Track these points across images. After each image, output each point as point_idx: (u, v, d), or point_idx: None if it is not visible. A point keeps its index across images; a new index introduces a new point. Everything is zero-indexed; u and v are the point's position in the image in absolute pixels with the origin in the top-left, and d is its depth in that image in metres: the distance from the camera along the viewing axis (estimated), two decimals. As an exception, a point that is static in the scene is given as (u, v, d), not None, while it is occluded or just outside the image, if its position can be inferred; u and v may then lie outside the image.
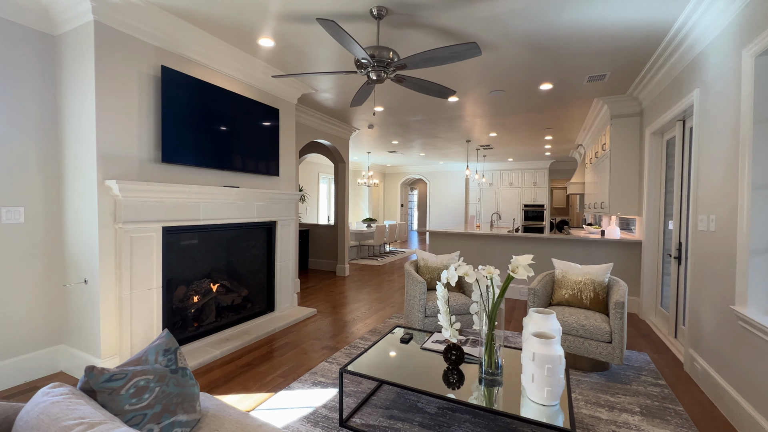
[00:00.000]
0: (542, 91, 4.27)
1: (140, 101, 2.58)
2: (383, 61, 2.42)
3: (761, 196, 1.99)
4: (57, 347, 2.61)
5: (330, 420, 2.07)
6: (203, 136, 2.97)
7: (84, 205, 2.44)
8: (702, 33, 2.58)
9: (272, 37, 2.95)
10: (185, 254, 3.09)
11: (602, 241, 4.53)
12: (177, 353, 1.34)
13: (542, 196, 11.36)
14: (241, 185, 3.47)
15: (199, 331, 3.12)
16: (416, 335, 2.57)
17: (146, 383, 1.14)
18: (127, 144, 2.51)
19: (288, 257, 4.06)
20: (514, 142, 7.74)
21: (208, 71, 3.10)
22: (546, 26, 2.73)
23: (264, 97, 3.73)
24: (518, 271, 1.75)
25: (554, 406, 1.67)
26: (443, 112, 5.35)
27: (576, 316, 2.77)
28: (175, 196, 2.73)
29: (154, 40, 2.65)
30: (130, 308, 2.52)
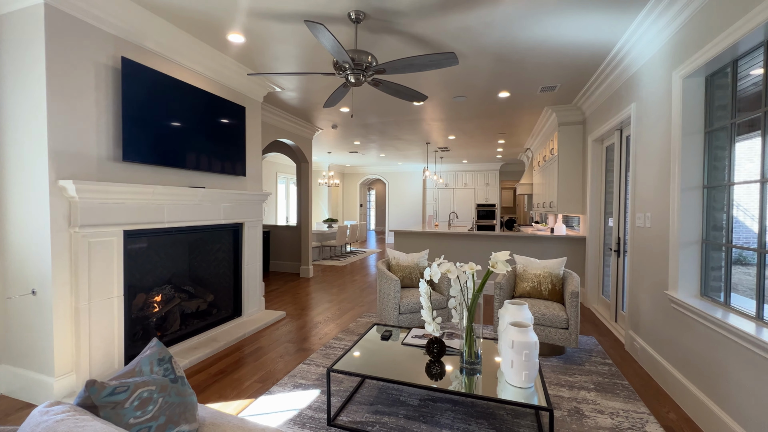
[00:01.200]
0: (500, 98, 4.57)
1: (98, 95, 2.38)
2: (362, 65, 2.47)
3: (688, 196, 2.34)
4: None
5: (317, 420, 2.08)
6: (168, 134, 2.80)
7: (32, 207, 2.19)
8: (639, 54, 2.96)
9: (243, 33, 2.87)
10: (146, 259, 2.89)
11: (552, 237, 4.96)
12: (172, 362, 1.29)
13: (494, 196, 12.05)
14: (208, 185, 3.31)
15: (162, 341, 2.93)
16: (394, 332, 2.65)
17: (149, 395, 1.10)
18: (83, 141, 2.30)
19: (255, 260, 3.94)
20: (470, 145, 8.15)
21: (173, 65, 2.93)
22: (511, 39, 2.95)
23: (230, 95, 3.59)
24: (498, 266, 1.90)
25: (530, 388, 1.85)
26: (407, 115, 5.49)
27: (537, 306, 3.03)
28: (138, 197, 2.55)
29: (113, 29, 2.45)
30: (89, 320, 2.31)
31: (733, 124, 2.07)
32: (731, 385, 1.85)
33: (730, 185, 2.10)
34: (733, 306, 2.04)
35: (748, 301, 1.98)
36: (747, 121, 1.98)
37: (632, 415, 2.17)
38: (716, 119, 2.22)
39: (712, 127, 2.24)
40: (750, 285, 1.97)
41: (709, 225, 2.30)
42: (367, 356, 2.24)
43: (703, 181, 2.32)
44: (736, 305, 2.02)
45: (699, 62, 2.14)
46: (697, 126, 2.32)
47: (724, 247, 2.16)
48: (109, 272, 2.43)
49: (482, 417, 2.12)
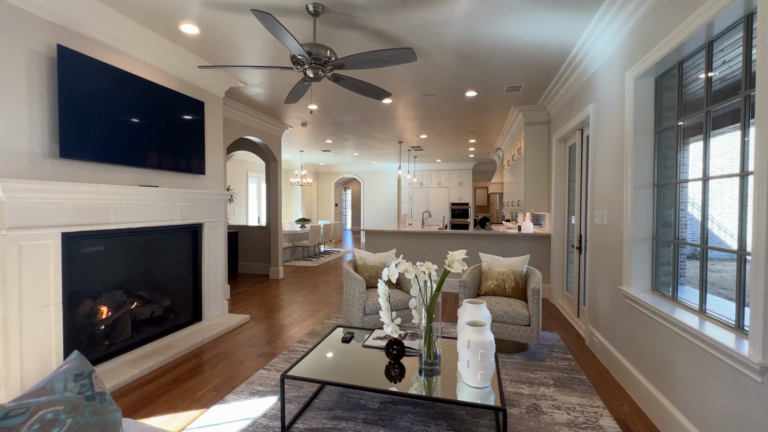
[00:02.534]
0: (468, 97, 4.60)
1: (30, 85, 2.19)
2: (320, 59, 2.39)
3: (640, 194, 2.41)
4: None
5: (271, 429, 2.00)
6: (114, 129, 2.62)
7: (-50, 208, 1.99)
8: (596, 55, 3.03)
9: (196, 24, 2.73)
10: (92, 263, 2.70)
11: (519, 235, 5.05)
12: (92, 377, 1.18)
13: (467, 195, 12.22)
14: (162, 184, 3.14)
15: (111, 350, 2.75)
16: (357, 334, 2.59)
17: (55, 416, 0.98)
18: (12, 135, 2.11)
19: (217, 262, 3.78)
20: (443, 144, 8.20)
21: (120, 56, 2.75)
22: (473, 38, 2.95)
23: (188, 89, 3.42)
24: (454, 265, 1.88)
25: (486, 387, 1.84)
26: (377, 113, 5.45)
27: (501, 304, 3.05)
28: (79, 196, 2.37)
29: (48, 15, 2.26)
30: (19, 331, 2.12)
31: (680, 125, 2.14)
32: (676, 376, 1.91)
33: (677, 183, 2.17)
34: (680, 300, 2.11)
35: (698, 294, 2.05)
36: (697, 123, 2.05)
37: (587, 409, 2.21)
38: (665, 119, 2.30)
39: (661, 126, 2.32)
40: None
41: (659, 222, 2.38)
42: (326, 360, 2.18)
43: (653, 179, 2.39)
44: (684, 299, 2.09)
45: (648, 63, 2.20)
46: (647, 126, 2.39)
47: (672, 243, 2.23)
48: (45, 278, 2.24)
49: (442, 418, 2.10)
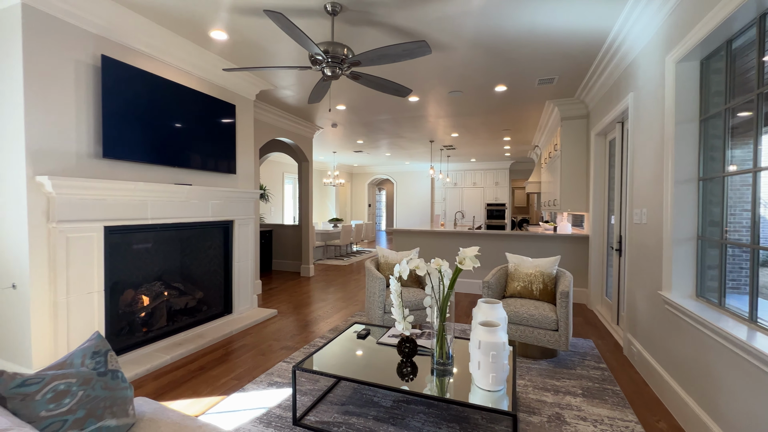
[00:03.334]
0: (497, 92, 4.44)
1: (78, 92, 2.42)
2: (338, 57, 2.42)
3: (682, 190, 2.18)
4: (-19, 359, 2.38)
5: (283, 419, 2.04)
6: (151, 131, 2.83)
7: (11, 203, 2.24)
8: (635, 41, 2.79)
9: (225, 29, 2.87)
10: (134, 256, 2.93)
11: (554, 236, 4.78)
12: (108, 355, 1.27)
13: (504, 196, 11.80)
14: (195, 183, 3.33)
15: (148, 336, 2.96)
16: (374, 331, 2.59)
17: (67, 387, 1.07)
18: (62, 138, 2.34)
19: (247, 257, 3.95)
20: (476, 142, 7.99)
21: (157, 63, 2.96)
22: (496, 29, 2.84)
23: (220, 92, 3.61)
24: (465, 262, 1.81)
25: (499, 391, 1.75)
26: (406, 112, 5.42)
27: (527, 306, 2.90)
28: (119, 193, 2.58)
29: (93, 27, 2.49)
30: (67, 314, 2.35)
31: (727, 110, 1.91)
32: (722, 394, 1.70)
33: (725, 176, 1.94)
34: (728, 307, 1.88)
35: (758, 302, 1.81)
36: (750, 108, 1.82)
37: (618, 423, 2.03)
38: (712, 106, 2.06)
39: (708, 114, 2.08)
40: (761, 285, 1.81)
41: (705, 220, 2.14)
42: (339, 354, 2.19)
43: (698, 173, 2.16)
44: (733, 306, 1.86)
45: (691, 43, 1.99)
46: (691, 114, 2.16)
47: (719, 243, 2.00)
48: (89, 267, 2.46)
49: (455, 420, 2.03)
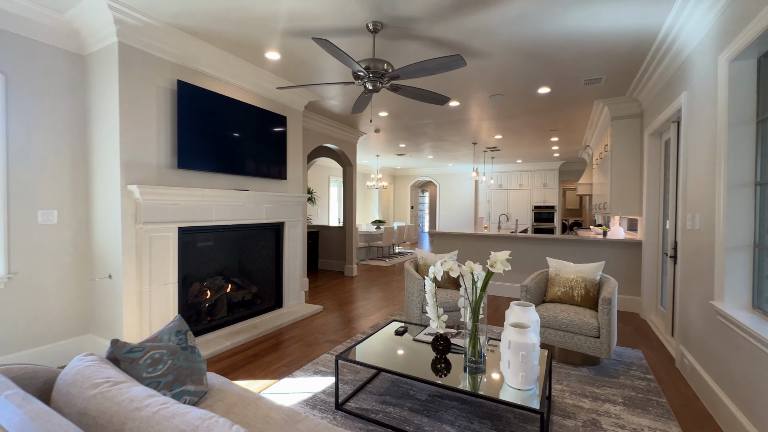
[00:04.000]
0: (541, 94, 4.37)
1: (158, 113, 2.84)
2: (378, 72, 2.60)
3: (736, 195, 2.07)
4: (84, 336, 2.88)
5: (327, 403, 2.25)
6: (215, 143, 3.22)
7: (109, 207, 2.70)
8: (687, 39, 2.67)
9: (278, 50, 3.18)
10: (200, 253, 3.34)
11: (604, 241, 4.58)
12: (187, 334, 1.55)
13: (552, 198, 11.32)
14: (251, 188, 3.70)
15: (211, 324, 3.36)
16: (412, 329, 2.73)
17: (160, 356, 1.35)
18: (146, 152, 2.77)
19: (295, 257, 4.27)
20: (521, 144, 7.81)
21: (220, 83, 3.35)
22: (535, 34, 2.86)
23: (272, 106, 3.97)
24: (496, 265, 1.89)
25: (529, 390, 1.81)
26: (447, 116, 5.49)
27: (566, 312, 2.87)
28: (190, 199, 2.98)
29: (170, 57, 2.91)
30: (149, 301, 2.77)
31: (785, 111, 1.81)
32: (773, 409, 1.62)
33: (783, 181, 1.83)
34: (786, 320, 1.77)
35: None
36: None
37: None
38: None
39: (766, 115, 1.97)
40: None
41: (763, 227, 2.01)
42: (377, 348, 2.36)
43: (755, 177, 2.04)
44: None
45: (746, 40, 1.90)
46: (747, 115, 2.05)
47: (777, 252, 1.88)
48: (166, 262, 2.87)
49: (487, 417, 2.10)
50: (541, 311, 2.97)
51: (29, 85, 2.57)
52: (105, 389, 1.04)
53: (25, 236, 2.57)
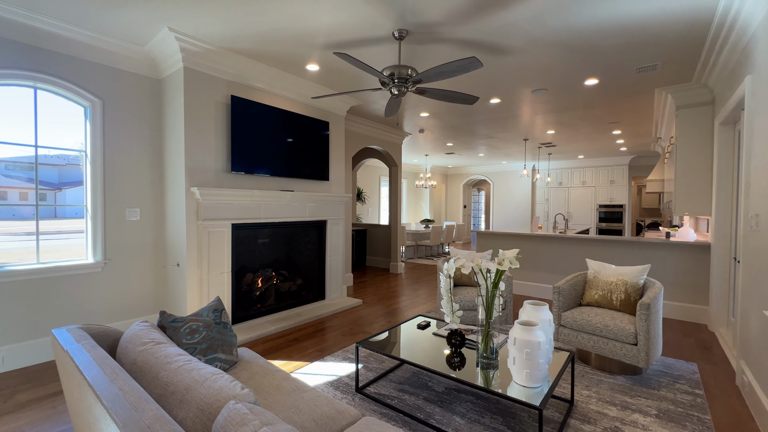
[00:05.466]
0: (588, 86, 4.12)
1: (215, 124, 3.29)
2: (402, 78, 2.73)
3: (792, 192, 1.83)
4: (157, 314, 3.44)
5: (348, 386, 2.46)
6: (263, 149, 3.61)
7: (177, 206, 3.21)
8: (749, 16, 2.38)
9: (317, 62, 3.46)
10: (251, 247, 3.77)
11: (665, 243, 4.17)
12: (222, 312, 1.85)
13: (621, 196, 10.35)
14: (295, 189, 4.06)
15: (261, 311, 3.77)
16: (435, 323, 2.82)
17: (197, 327, 1.65)
18: (205, 158, 3.23)
19: (337, 252, 4.57)
20: (578, 138, 7.31)
21: (267, 95, 3.75)
22: (568, 25, 2.76)
23: (315, 112, 4.30)
24: (504, 263, 1.92)
25: (536, 388, 1.81)
26: (489, 113, 5.40)
27: (602, 316, 2.73)
28: (241, 199, 3.40)
29: (225, 75, 3.34)
30: (208, 286, 3.22)
31: None
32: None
33: None
34: None
35: None
36: None
37: (689, 449, 1.85)
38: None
39: (831, 100, 1.72)
40: None
41: (828, 228, 1.76)
42: (397, 339, 2.50)
43: (819, 172, 1.79)
44: None
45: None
46: (807, 100, 1.80)
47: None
48: (222, 254, 3.32)
49: (499, 413, 2.13)
50: (574, 314, 2.85)
51: (119, 107, 3.16)
52: (149, 347, 1.34)
53: (116, 230, 3.17)
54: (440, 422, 2.06)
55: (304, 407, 1.43)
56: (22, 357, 2.73)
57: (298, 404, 1.44)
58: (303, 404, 1.45)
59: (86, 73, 2.97)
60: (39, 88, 2.84)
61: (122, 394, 0.95)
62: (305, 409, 1.41)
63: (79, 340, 1.29)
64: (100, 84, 3.04)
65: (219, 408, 1.03)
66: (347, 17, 2.61)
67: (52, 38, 2.76)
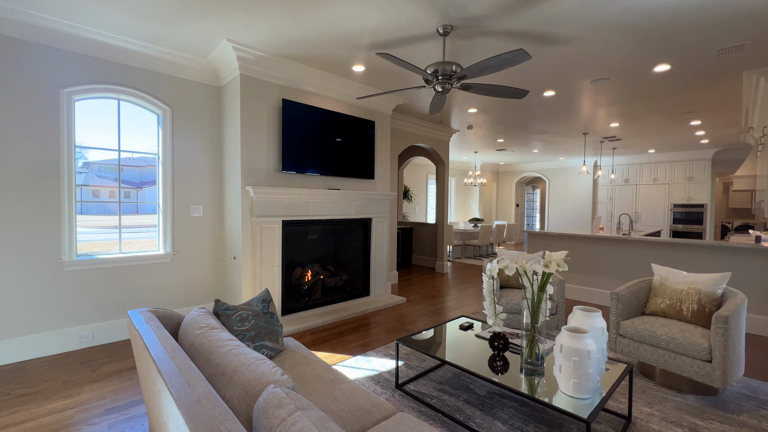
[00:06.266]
0: (658, 73, 3.72)
1: (267, 127, 3.50)
2: (447, 74, 2.69)
3: None
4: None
5: (389, 382, 2.48)
6: (311, 149, 3.77)
7: (234, 203, 3.47)
8: None
9: (363, 63, 3.53)
10: (299, 243, 3.96)
11: (753, 249, 3.64)
12: (269, 303, 1.97)
13: (701, 194, 9.22)
14: (341, 187, 4.18)
15: (308, 304, 3.95)
16: (479, 325, 2.74)
17: (246, 315, 1.78)
18: (258, 159, 3.45)
19: (382, 250, 4.63)
20: (647, 131, 6.63)
21: (315, 97, 3.90)
22: (629, 8, 2.52)
23: (360, 112, 4.38)
24: (550, 266, 1.82)
25: (584, 399, 1.69)
26: (544, 107, 5.10)
27: (668, 327, 2.47)
28: (290, 197, 3.58)
29: (276, 80, 3.54)
30: (260, 279, 3.45)
31: None
32: None
33: None
34: None
35: None
36: None
37: (774, 485, 1.60)
38: None
39: None
40: None
41: None
42: (438, 338, 2.48)
43: None
44: None
45: None
46: None
47: None
48: (273, 249, 3.52)
49: (544, 422, 2.02)
50: (636, 324, 2.61)
51: (185, 114, 3.49)
52: (205, 331, 1.47)
53: (183, 226, 3.52)
54: (480, 426, 2.01)
55: (341, 398, 1.48)
56: (108, 334, 3.14)
57: (335, 394, 1.50)
58: (340, 395, 1.50)
59: (158, 84, 3.32)
60: (121, 99, 3.23)
61: (179, 371, 1.06)
62: (342, 400, 1.46)
63: (148, 321, 1.45)
64: (169, 93, 3.39)
65: (261, 391, 1.10)
66: (391, 16, 2.63)
67: (130, 55, 3.13)
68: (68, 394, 2.31)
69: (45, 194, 2.84)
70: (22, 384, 2.43)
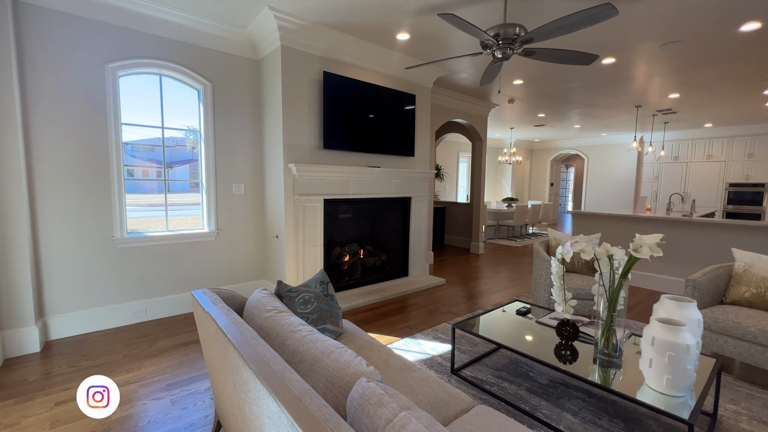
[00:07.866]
0: (745, 32, 3.26)
1: (309, 101, 3.36)
2: (509, 38, 2.43)
3: None
4: (260, 281, 3.78)
5: (443, 366, 2.40)
6: (352, 126, 3.61)
7: (275, 181, 3.40)
8: None
9: (408, 31, 3.29)
10: (340, 222, 3.88)
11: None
12: (328, 285, 1.89)
13: (763, 172, 8.44)
14: (381, 165, 4.03)
15: (348, 283, 3.90)
16: (536, 311, 2.59)
17: (309, 298, 1.70)
18: (300, 135, 3.33)
19: (421, 230, 4.49)
20: (711, 103, 6.03)
21: (356, 69, 3.70)
22: (733, -47, 2.15)
23: (401, 85, 4.15)
24: (641, 250, 1.62)
25: (678, 397, 1.53)
26: (600, 76, 4.68)
27: (757, 319, 2.23)
28: (332, 175, 3.47)
29: (317, 51, 3.36)
30: (303, 258, 3.41)
31: None
32: None
33: None
34: None
35: None
36: None
37: None
38: None
39: None
40: None
41: None
42: (496, 324, 2.36)
43: None
44: None
45: None
46: None
47: None
48: (315, 228, 3.46)
49: (619, 416, 1.89)
50: (715, 313, 2.38)
51: (225, 89, 3.39)
52: (273, 314, 1.40)
53: (226, 204, 3.49)
54: (549, 417, 1.89)
55: (417, 388, 1.39)
56: (160, 309, 3.21)
57: (410, 384, 1.41)
58: (415, 384, 1.41)
59: (198, 58, 3.23)
60: (163, 74, 3.16)
61: (266, 361, 0.98)
62: (419, 391, 1.37)
63: (216, 303, 1.40)
64: (210, 68, 3.29)
65: (348, 382, 1.01)
66: (448, -27, 2.37)
67: (171, 27, 3.03)
68: (130, 368, 2.37)
69: (96, 172, 2.86)
70: (86, 356, 2.51)
